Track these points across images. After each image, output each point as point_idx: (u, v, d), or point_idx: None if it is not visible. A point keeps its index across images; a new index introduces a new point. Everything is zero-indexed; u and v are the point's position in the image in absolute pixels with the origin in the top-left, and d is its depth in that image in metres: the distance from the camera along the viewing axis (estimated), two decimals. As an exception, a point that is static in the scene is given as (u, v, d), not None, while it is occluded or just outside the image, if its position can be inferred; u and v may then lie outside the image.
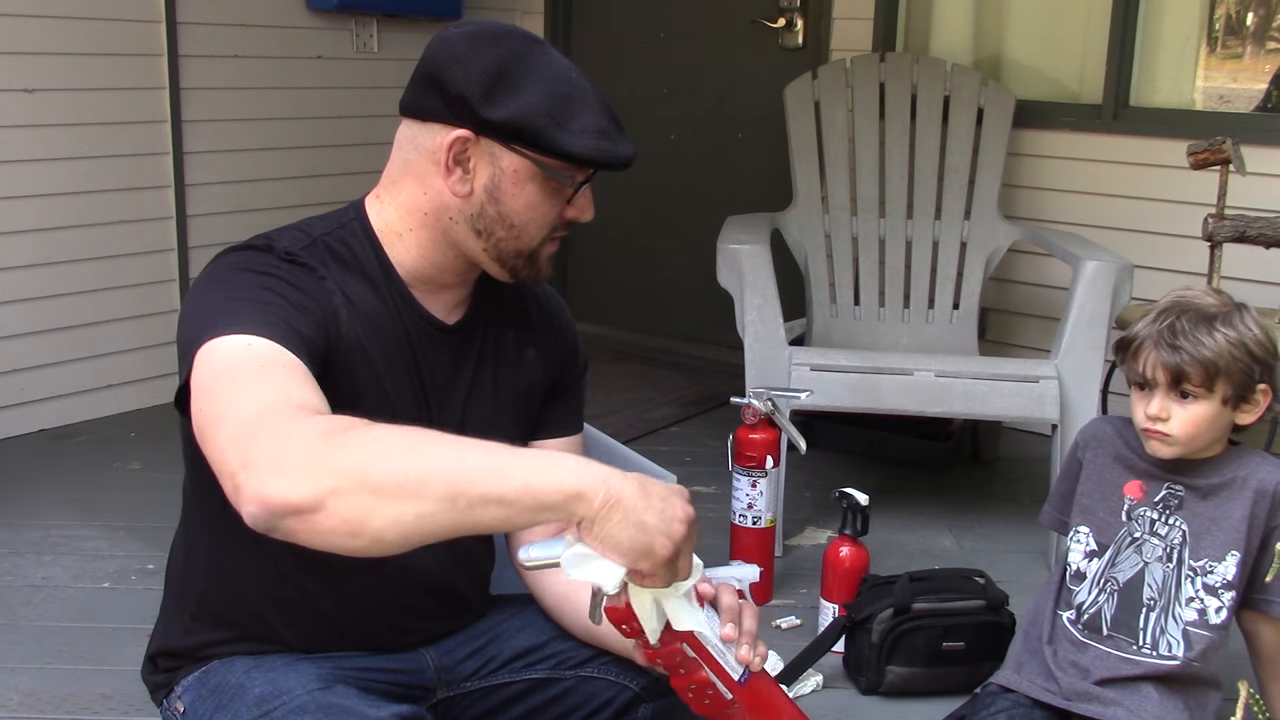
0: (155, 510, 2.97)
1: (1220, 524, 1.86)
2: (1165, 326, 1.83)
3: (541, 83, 1.31)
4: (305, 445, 1.05)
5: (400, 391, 1.38)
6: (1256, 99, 3.73)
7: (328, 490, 1.02)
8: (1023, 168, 3.83)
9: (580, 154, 1.31)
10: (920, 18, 4.12)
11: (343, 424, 1.08)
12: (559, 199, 1.36)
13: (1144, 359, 1.84)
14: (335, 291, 1.33)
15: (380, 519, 1.03)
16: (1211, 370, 1.80)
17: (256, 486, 1.03)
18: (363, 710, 1.26)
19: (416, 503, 1.03)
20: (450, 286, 1.42)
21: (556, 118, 1.30)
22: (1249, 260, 3.24)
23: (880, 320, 3.60)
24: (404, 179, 1.38)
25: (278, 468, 1.04)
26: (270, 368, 1.17)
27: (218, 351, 1.19)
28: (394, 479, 1.03)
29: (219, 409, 1.13)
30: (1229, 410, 1.84)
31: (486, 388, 1.46)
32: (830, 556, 2.45)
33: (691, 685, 1.21)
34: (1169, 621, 1.86)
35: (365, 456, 1.04)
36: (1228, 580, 1.85)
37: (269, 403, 1.11)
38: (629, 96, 4.68)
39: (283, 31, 4.03)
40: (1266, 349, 1.85)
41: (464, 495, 1.03)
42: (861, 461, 3.54)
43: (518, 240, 1.36)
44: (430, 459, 1.05)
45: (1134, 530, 1.91)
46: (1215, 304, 1.86)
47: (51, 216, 3.52)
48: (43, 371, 3.59)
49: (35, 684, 2.29)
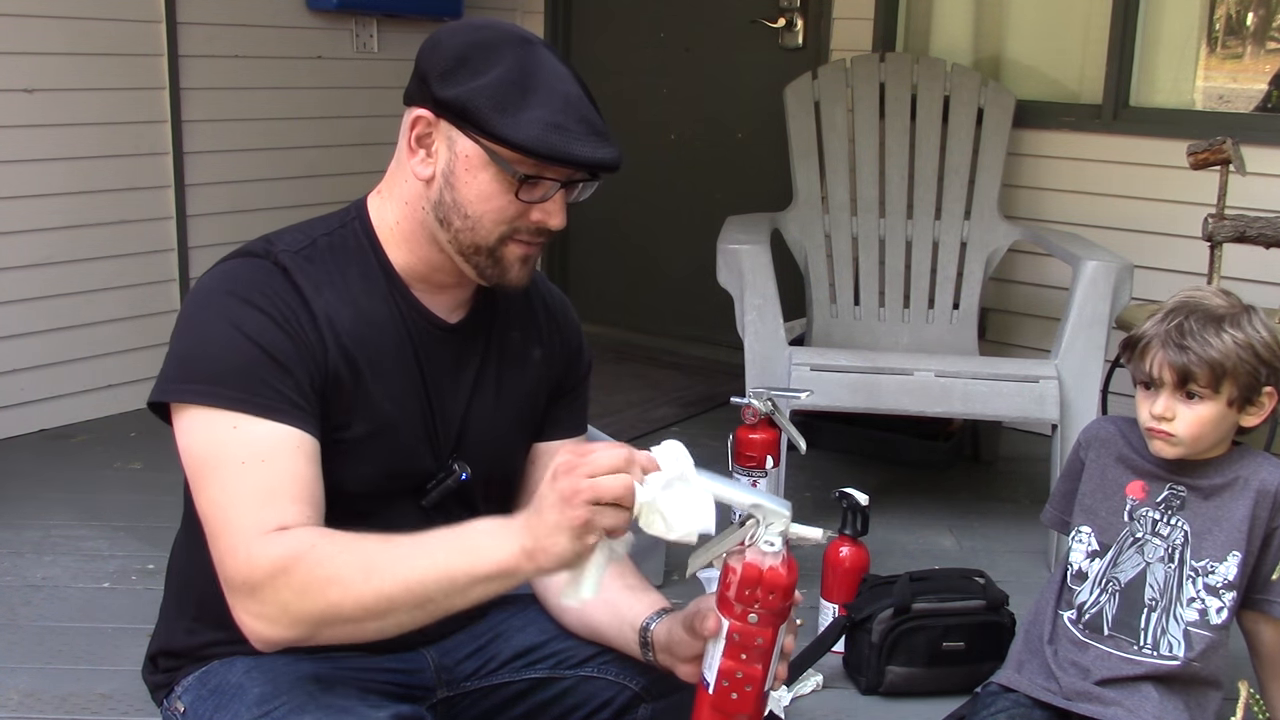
0: (155, 510, 2.98)
1: (1221, 524, 1.86)
2: (1173, 326, 1.83)
3: (503, 71, 1.29)
4: (274, 594, 1.20)
5: (404, 392, 1.38)
6: (1256, 99, 3.73)
7: (313, 631, 1.21)
8: (1023, 168, 3.83)
9: (520, 142, 1.27)
10: (920, 18, 4.12)
11: (299, 561, 1.20)
12: (513, 192, 1.31)
13: (1151, 358, 1.84)
14: (323, 312, 1.32)
15: (367, 633, 1.22)
16: (1219, 371, 1.80)
17: (253, 631, 1.22)
18: (362, 710, 1.26)
19: (392, 618, 1.19)
20: (448, 287, 1.42)
21: (504, 103, 1.28)
22: (1249, 260, 3.24)
23: (880, 320, 3.60)
24: (395, 169, 1.39)
25: (262, 615, 1.21)
26: (249, 465, 1.25)
27: (204, 432, 1.27)
28: (365, 609, 1.18)
29: (208, 513, 1.26)
30: (1234, 412, 1.84)
31: (490, 388, 1.46)
32: (830, 556, 2.45)
33: (740, 673, 1.19)
34: (1170, 622, 1.86)
35: (331, 599, 1.19)
36: (1229, 580, 1.85)
37: (246, 530, 1.22)
38: (629, 96, 4.68)
39: (283, 31, 4.03)
40: (1274, 352, 1.84)
41: (427, 601, 1.18)
42: (861, 461, 3.54)
43: (474, 233, 1.34)
44: (386, 580, 1.18)
45: (1136, 530, 1.91)
46: (1224, 305, 1.86)
47: (51, 216, 3.52)
48: (43, 371, 3.59)
49: (35, 684, 2.29)
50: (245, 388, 1.26)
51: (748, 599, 1.16)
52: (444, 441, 1.42)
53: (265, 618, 1.20)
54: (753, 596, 1.16)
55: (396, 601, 1.18)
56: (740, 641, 1.18)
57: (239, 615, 1.22)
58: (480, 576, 1.16)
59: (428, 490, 1.41)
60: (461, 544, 1.19)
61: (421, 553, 1.19)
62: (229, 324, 1.28)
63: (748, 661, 1.19)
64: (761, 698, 1.21)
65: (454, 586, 1.17)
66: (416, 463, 1.40)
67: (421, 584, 1.17)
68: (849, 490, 2.42)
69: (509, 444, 1.50)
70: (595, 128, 1.31)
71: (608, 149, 1.31)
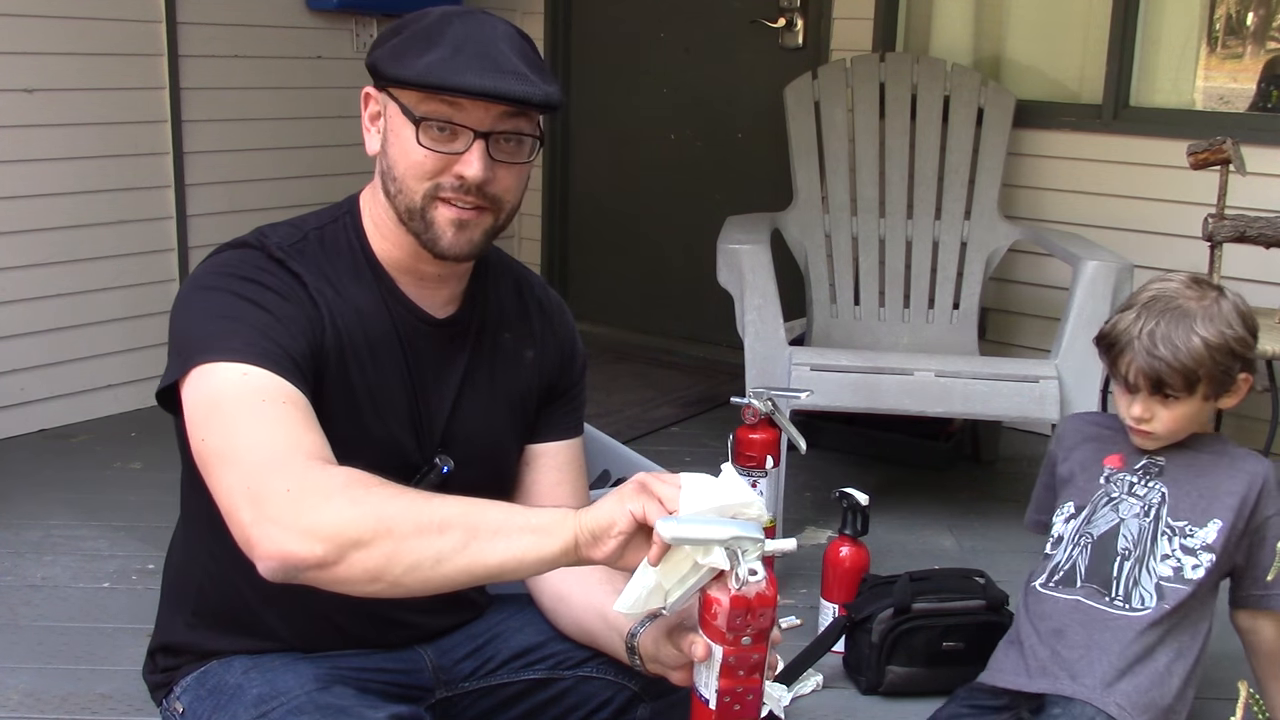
0: (155, 510, 2.97)
1: (1205, 493, 1.89)
2: (1146, 333, 1.84)
3: (420, 28, 1.31)
4: (324, 500, 1.12)
5: (390, 385, 1.38)
6: (1256, 99, 3.73)
7: (350, 544, 1.10)
8: (1023, 168, 3.83)
9: (405, 77, 1.27)
10: (920, 18, 4.12)
11: (355, 477, 1.14)
12: (429, 144, 1.29)
13: (1125, 364, 1.86)
14: (319, 295, 1.33)
15: (400, 564, 1.11)
16: (1191, 378, 1.83)
17: (276, 544, 1.11)
18: (360, 710, 1.26)
19: (437, 540, 1.11)
20: (432, 279, 1.41)
21: (404, 52, 1.28)
22: (1249, 260, 3.24)
23: (880, 320, 3.60)
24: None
25: (297, 526, 1.10)
26: (270, 404, 1.20)
27: (214, 379, 1.22)
28: (416, 522, 1.11)
29: (222, 445, 1.18)
30: (1211, 402, 1.88)
31: (482, 385, 1.46)
32: (830, 556, 2.45)
33: (740, 687, 1.18)
34: (1142, 573, 1.87)
35: (387, 509, 1.12)
36: (1208, 544, 1.87)
37: (279, 450, 1.16)
38: (629, 96, 4.68)
39: (282, 31, 4.03)
40: (1246, 343, 1.87)
41: (477, 533, 1.12)
42: (861, 461, 3.54)
43: (404, 195, 1.33)
44: (439, 510, 1.13)
45: (1111, 491, 1.94)
46: (1195, 298, 1.86)
47: (51, 216, 3.52)
48: (43, 371, 3.59)
49: (35, 684, 2.29)
50: (252, 340, 1.24)
51: (739, 627, 1.15)
52: (429, 435, 1.42)
53: (298, 529, 1.10)
54: (744, 623, 1.15)
55: (450, 522, 1.12)
56: (736, 663, 1.18)
57: (260, 529, 1.11)
58: (530, 526, 1.13)
59: (412, 484, 1.41)
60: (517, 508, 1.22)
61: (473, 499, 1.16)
62: (230, 294, 1.28)
63: (745, 676, 1.18)
64: (760, 696, 1.21)
65: (507, 525, 1.13)
66: (401, 456, 1.40)
67: (476, 514, 1.13)
68: (849, 490, 2.42)
69: (499, 443, 1.49)
70: (500, 65, 1.28)
71: (511, 82, 1.27)
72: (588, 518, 1.13)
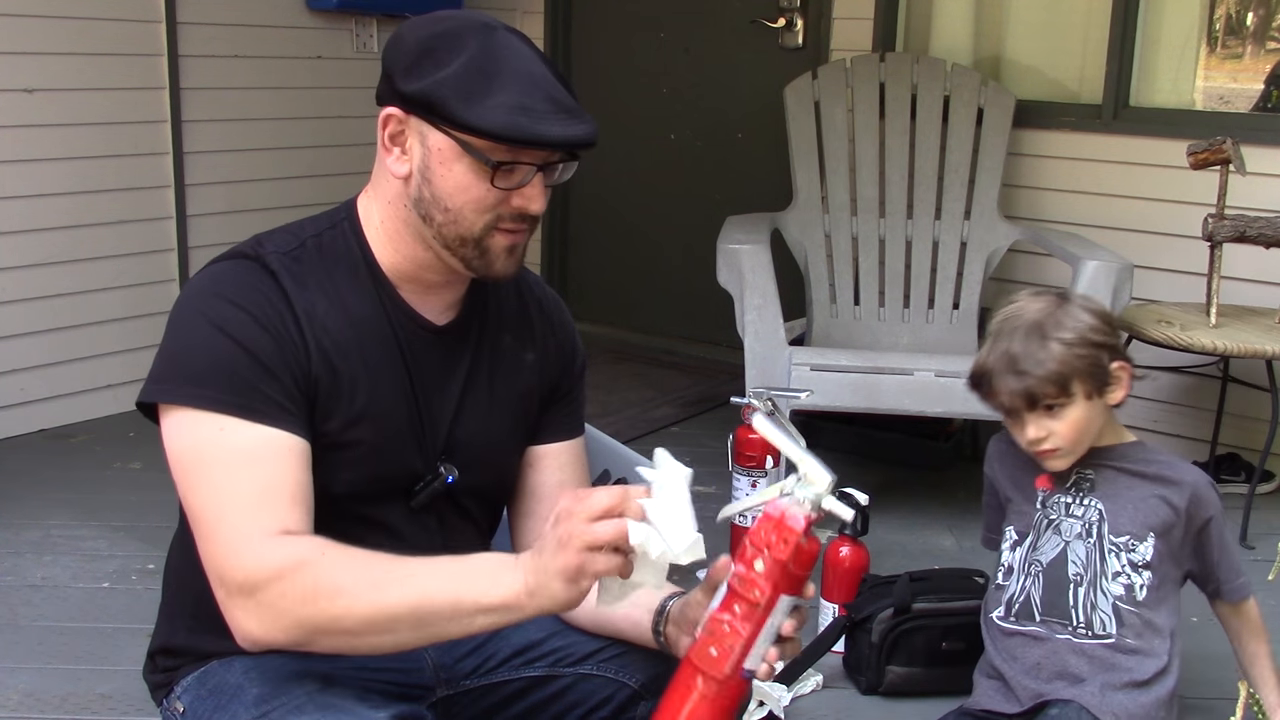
0: (155, 510, 2.97)
1: (1138, 505, 1.88)
2: (1003, 354, 1.84)
3: (466, 59, 1.28)
4: (279, 597, 1.19)
5: (391, 395, 1.38)
6: (1256, 99, 3.73)
7: (310, 633, 1.20)
8: (1023, 168, 3.83)
9: (487, 128, 1.26)
10: (920, 18, 4.12)
11: (305, 561, 1.20)
12: (489, 180, 1.30)
13: (997, 391, 1.86)
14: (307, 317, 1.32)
15: (360, 648, 1.22)
16: (1062, 381, 1.82)
17: (243, 629, 1.22)
18: (361, 710, 1.26)
19: (390, 636, 1.19)
20: (436, 287, 1.41)
21: (467, 92, 1.26)
22: (1249, 260, 3.24)
23: (880, 320, 3.60)
24: (377, 169, 1.39)
25: (258, 615, 1.20)
26: (241, 467, 1.25)
27: (192, 434, 1.27)
28: (367, 623, 1.18)
29: (198, 510, 1.26)
30: (1098, 400, 1.86)
31: (482, 391, 1.45)
32: (830, 556, 2.45)
33: (726, 625, 1.17)
34: (1098, 596, 1.87)
35: (335, 610, 1.18)
36: (1146, 560, 1.86)
37: (240, 530, 1.22)
38: (629, 96, 4.68)
39: (282, 31, 4.03)
40: (1106, 331, 1.86)
41: (428, 624, 1.18)
42: (861, 461, 3.54)
43: (456, 225, 1.32)
44: (392, 597, 1.18)
45: (1049, 514, 1.94)
46: (1040, 308, 1.86)
47: (51, 216, 3.52)
48: (43, 371, 3.59)
49: (35, 684, 2.29)
50: (231, 389, 1.26)
51: (760, 541, 1.15)
52: (432, 444, 1.42)
53: (261, 619, 1.20)
54: (765, 540, 1.15)
55: (399, 620, 1.18)
56: (739, 589, 1.17)
57: (231, 613, 1.22)
58: (485, 606, 1.16)
59: (415, 492, 1.41)
60: (469, 571, 1.20)
61: (429, 574, 1.19)
62: (214, 326, 1.28)
63: (739, 617, 1.17)
64: (737, 667, 1.17)
65: (458, 612, 1.17)
66: (404, 465, 1.40)
67: (427, 605, 1.18)
68: (849, 490, 2.41)
69: (501, 447, 1.49)
70: (563, 105, 1.29)
71: (579, 125, 1.29)
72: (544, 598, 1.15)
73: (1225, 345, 2.98)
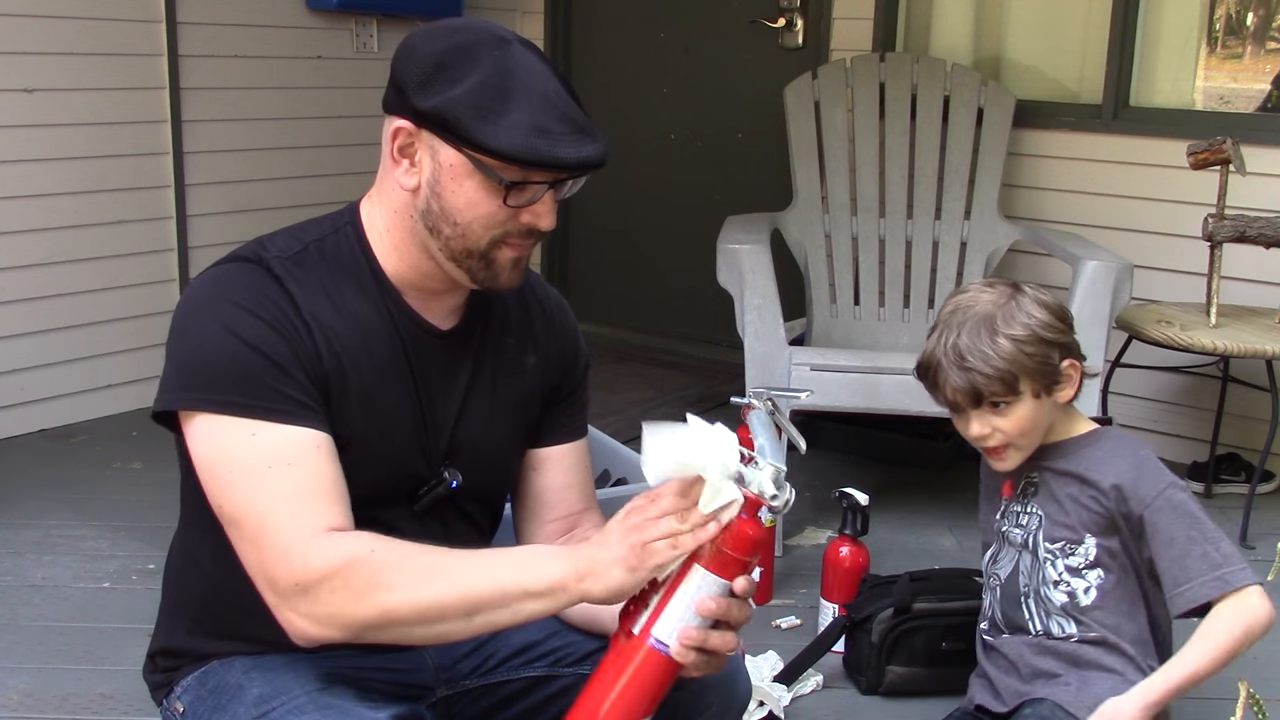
0: (155, 510, 2.97)
1: (1070, 507, 1.82)
2: (950, 346, 1.78)
3: (481, 76, 1.27)
4: (329, 595, 1.20)
5: (395, 399, 1.38)
6: (1256, 99, 3.73)
7: (361, 629, 1.22)
8: (1023, 168, 3.83)
9: (503, 150, 1.25)
10: (920, 18, 4.12)
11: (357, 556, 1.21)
12: (501, 199, 1.30)
13: (942, 384, 1.80)
14: (314, 319, 1.32)
15: (413, 638, 1.25)
16: (1009, 379, 1.75)
17: (298, 630, 1.23)
18: (361, 710, 1.26)
19: (441, 626, 1.22)
20: (440, 293, 1.41)
21: (483, 111, 1.26)
22: (1249, 260, 3.24)
23: (880, 320, 3.60)
24: (381, 177, 1.38)
25: (313, 616, 1.22)
26: (276, 469, 1.25)
27: (222, 438, 1.26)
28: (418, 614, 1.21)
29: (237, 515, 1.26)
30: (1046, 398, 1.79)
31: (485, 394, 1.45)
32: (830, 556, 2.45)
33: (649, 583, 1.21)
34: (1049, 604, 1.85)
35: (387, 605, 1.20)
36: (1090, 560, 1.81)
37: (285, 531, 1.23)
38: (629, 96, 4.68)
39: (282, 31, 4.03)
40: (1058, 328, 1.79)
41: (477, 611, 1.21)
42: (861, 461, 3.54)
43: (464, 239, 1.32)
44: (442, 588, 1.21)
45: (1003, 525, 1.93)
46: (992, 299, 1.79)
47: (51, 216, 3.52)
48: (43, 371, 3.59)
49: (35, 684, 2.29)
50: (254, 393, 1.26)
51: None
52: (435, 448, 1.42)
53: (315, 618, 1.22)
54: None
55: (448, 609, 1.20)
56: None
57: (285, 615, 1.23)
58: (532, 591, 1.19)
59: (419, 496, 1.41)
60: (517, 559, 1.23)
61: (476, 564, 1.23)
62: (225, 329, 1.28)
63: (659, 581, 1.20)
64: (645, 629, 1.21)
65: (505, 598, 1.20)
66: (408, 469, 1.40)
67: (475, 593, 1.20)
68: (849, 490, 2.42)
69: (503, 451, 1.49)
70: (578, 125, 1.29)
71: (592, 146, 1.30)
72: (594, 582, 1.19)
73: (1225, 345, 2.98)
